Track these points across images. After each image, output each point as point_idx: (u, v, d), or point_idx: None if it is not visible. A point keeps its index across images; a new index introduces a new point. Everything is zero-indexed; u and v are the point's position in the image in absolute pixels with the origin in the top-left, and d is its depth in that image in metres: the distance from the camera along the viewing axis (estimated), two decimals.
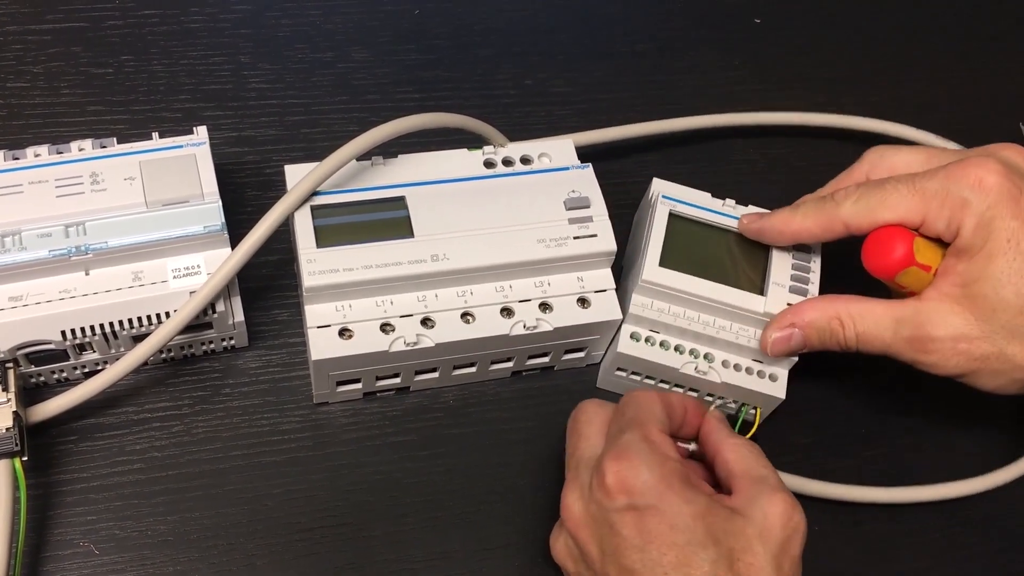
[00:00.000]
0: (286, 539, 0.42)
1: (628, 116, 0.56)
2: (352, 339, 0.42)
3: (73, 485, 0.42)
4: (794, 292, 0.45)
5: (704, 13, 0.63)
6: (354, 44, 0.57)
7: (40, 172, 0.41)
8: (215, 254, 0.42)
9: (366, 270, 0.42)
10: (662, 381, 0.46)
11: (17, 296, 0.40)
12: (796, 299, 0.44)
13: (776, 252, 0.45)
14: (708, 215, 0.46)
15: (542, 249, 0.44)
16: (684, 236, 0.45)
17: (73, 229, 0.40)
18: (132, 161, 0.42)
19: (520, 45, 0.59)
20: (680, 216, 0.46)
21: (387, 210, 0.44)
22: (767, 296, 0.44)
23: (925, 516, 0.47)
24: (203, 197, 0.42)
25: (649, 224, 0.45)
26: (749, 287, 0.45)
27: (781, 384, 0.45)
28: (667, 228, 0.45)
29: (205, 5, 0.57)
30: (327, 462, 0.44)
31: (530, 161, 0.47)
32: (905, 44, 0.64)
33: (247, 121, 0.53)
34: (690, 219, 0.46)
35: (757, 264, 0.45)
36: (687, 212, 0.46)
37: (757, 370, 0.45)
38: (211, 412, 0.45)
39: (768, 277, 0.45)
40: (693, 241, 0.45)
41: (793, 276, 0.45)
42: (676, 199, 0.46)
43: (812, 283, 0.45)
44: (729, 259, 0.46)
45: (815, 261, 0.46)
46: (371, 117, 0.54)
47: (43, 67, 0.53)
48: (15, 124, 0.51)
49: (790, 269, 0.45)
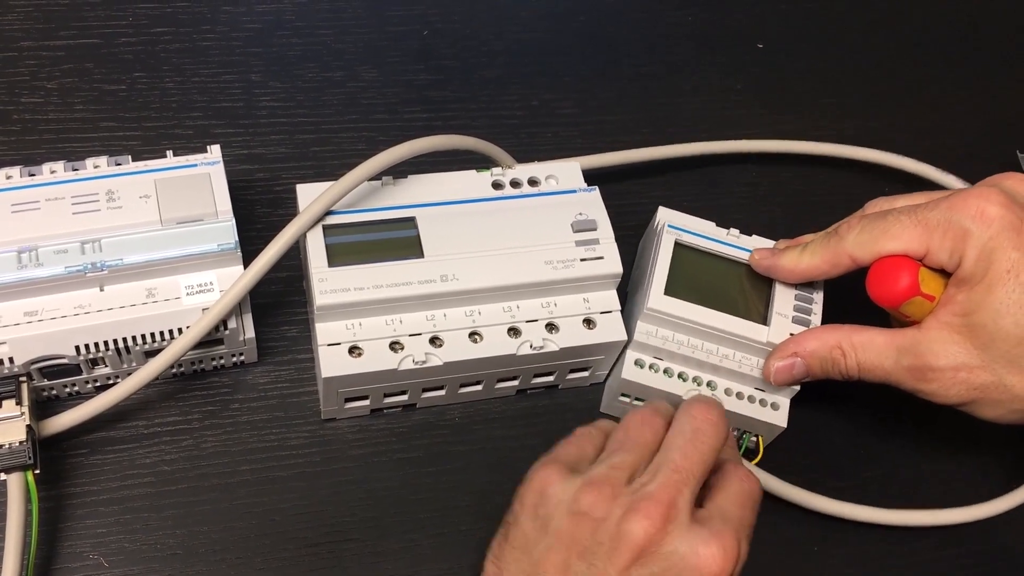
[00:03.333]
0: (294, 554, 0.43)
1: (633, 138, 0.57)
2: (362, 357, 0.43)
3: (84, 498, 0.43)
4: (797, 322, 0.45)
5: (708, 38, 0.64)
6: (363, 64, 0.58)
7: (57, 189, 0.42)
8: (228, 271, 0.43)
9: (377, 289, 0.42)
10: None
11: (32, 311, 0.41)
12: (799, 329, 0.45)
13: (779, 283, 0.46)
14: (713, 245, 0.47)
15: (549, 271, 0.45)
16: (689, 265, 0.46)
17: (89, 246, 0.41)
18: (147, 179, 0.43)
19: (527, 67, 0.60)
20: (685, 245, 0.47)
21: (397, 230, 0.45)
22: (770, 326, 0.45)
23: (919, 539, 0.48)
24: (217, 215, 0.42)
25: (655, 253, 0.46)
26: (753, 317, 0.45)
27: (783, 413, 0.46)
28: (672, 257, 0.46)
29: (217, 24, 0.57)
30: (334, 477, 0.45)
31: (538, 183, 0.48)
32: (906, 71, 0.65)
33: (257, 139, 0.54)
34: (695, 248, 0.47)
35: (761, 294, 0.46)
36: (692, 242, 0.47)
37: (760, 398, 0.46)
38: (220, 427, 0.45)
39: (771, 307, 0.46)
40: (698, 270, 0.46)
41: (796, 307, 0.46)
42: (681, 228, 0.47)
43: (815, 313, 0.46)
44: (733, 289, 0.46)
45: (818, 292, 0.46)
46: (380, 136, 0.55)
47: (57, 83, 0.53)
48: (29, 139, 0.51)
49: (793, 300, 0.46)
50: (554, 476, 0.37)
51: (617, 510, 0.35)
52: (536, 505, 0.36)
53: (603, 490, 0.35)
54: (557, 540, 0.35)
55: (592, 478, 0.36)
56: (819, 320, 0.46)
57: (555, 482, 0.36)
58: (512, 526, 0.37)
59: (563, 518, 0.35)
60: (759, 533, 0.37)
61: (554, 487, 0.36)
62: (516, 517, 0.37)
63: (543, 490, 0.37)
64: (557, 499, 0.36)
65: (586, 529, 0.35)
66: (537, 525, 0.36)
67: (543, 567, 0.35)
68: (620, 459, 0.37)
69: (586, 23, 0.63)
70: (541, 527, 0.36)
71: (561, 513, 0.36)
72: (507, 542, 0.37)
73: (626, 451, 0.37)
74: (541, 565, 0.35)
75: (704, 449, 0.37)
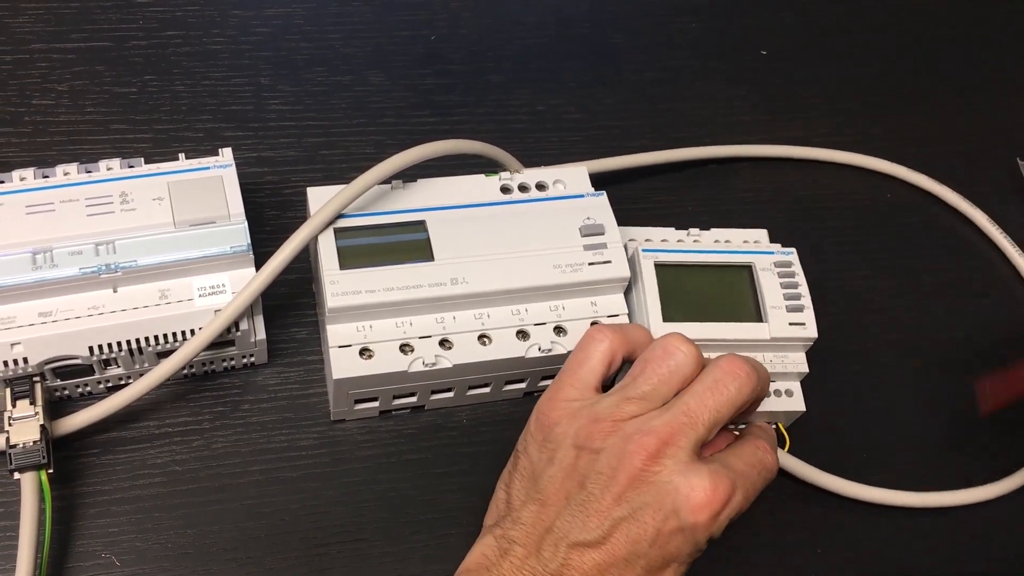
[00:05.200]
0: (303, 554, 0.43)
1: (637, 143, 0.57)
2: (372, 359, 0.43)
3: (96, 497, 0.43)
4: (792, 311, 0.46)
5: (712, 44, 0.65)
6: (371, 68, 0.58)
7: (71, 191, 0.42)
8: (240, 273, 0.43)
9: (387, 292, 0.43)
10: None
11: (47, 312, 0.41)
12: (797, 317, 0.46)
13: (761, 275, 0.47)
14: (687, 256, 0.47)
15: (557, 274, 0.45)
16: (674, 283, 0.46)
17: (103, 247, 0.41)
18: (160, 182, 0.43)
19: (533, 72, 0.61)
20: (664, 264, 0.47)
21: (408, 233, 0.45)
22: (769, 321, 0.46)
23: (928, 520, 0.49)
24: (229, 218, 0.43)
25: (639, 280, 0.46)
26: (749, 317, 0.46)
27: (798, 397, 0.47)
28: (657, 281, 0.46)
29: (227, 27, 0.58)
30: (343, 478, 0.45)
31: (545, 187, 0.48)
32: (907, 78, 0.66)
33: (267, 142, 0.54)
34: (674, 264, 0.47)
35: (747, 292, 0.47)
36: (669, 259, 0.47)
37: (773, 390, 0.47)
38: (230, 427, 0.46)
39: (763, 303, 0.46)
40: (683, 286, 0.46)
41: (785, 295, 0.46)
42: (655, 249, 0.47)
43: (804, 297, 0.46)
44: (720, 294, 0.47)
45: (800, 276, 0.47)
46: (387, 140, 0.56)
47: (68, 85, 0.54)
48: (40, 141, 0.52)
49: (780, 289, 0.47)
50: (561, 414, 0.39)
51: (618, 441, 0.37)
52: (544, 440, 0.39)
53: (604, 426, 0.38)
54: (560, 470, 0.38)
55: (597, 414, 0.38)
56: (810, 303, 0.46)
57: (561, 420, 0.39)
58: (521, 455, 0.40)
59: (567, 451, 0.38)
60: None
61: (560, 426, 0.39)
62: (526, 447, 0.40)
63: (551, 428, 0.39)
64: (563, 433, 0.38)
65: (587, 460, 0.37)
66: (544, 456, 0.39)
67: (547, 494, 0.38)
68: (633, 392, 0.39)
69: (591, 30, 0.64)
70: (548, 459, 0.38)
71: (566, 446, 0.38)
72: (516, 471, 0.40)
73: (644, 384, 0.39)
74: (545, 492, 0.38)
75: (721, 400, 0.38)
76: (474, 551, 0.38)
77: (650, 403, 0.38)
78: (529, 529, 0.37)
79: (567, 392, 0.40)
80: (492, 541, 0.38)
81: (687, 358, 0.39)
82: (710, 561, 0.39)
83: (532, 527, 0.37)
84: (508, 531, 0.38)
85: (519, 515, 0.38)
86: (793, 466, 0.47)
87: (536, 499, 0.38)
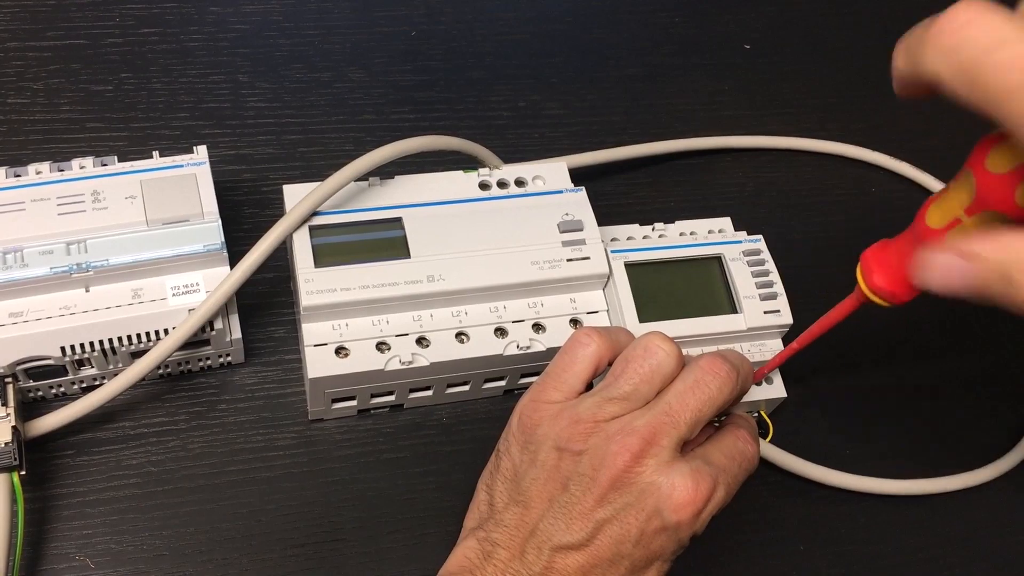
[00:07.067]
0: (280, 554, 0.43)
1: (619, 139, 0.57)
2: (348, 358, 0.43)
3: (69, 499, 0.43)
4: (766, 299, 0.46)
5: (694, 39, 0.64)
6: (351, 65, 0.58)
7: (42, 190, 0.42)
8: (214, 272, 0.43)
9: (363, 290, 0.43)
10: None
11: (18, 312, 0.41)
12: (771, 305, 0.46)
13: (732, 265, 0.47)
14: (656, 253, 0.47)
15: (536, 271, 0.45)
16: (645, 282, 0.46)
17: (74, 247, 0.41)
18: (133, 180, 0.43)
19: (513, 68, 0.60)
20: (634, 264, 0.46)
21: (384, 230, 0.45)
22: (743, 312, 0.46)
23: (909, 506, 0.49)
24: (203, 216, 0.43)
25: (612, 283, 0.46)
26: (724, 309, 0.46)
27: (779, 384, 0.47)
28: (629, 281, 0.46)
29: (204, 24, 0.57)
30: (321, 478, 0.45)
31: (524, 184, 0.48)
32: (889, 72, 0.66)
33: (244, 139, 0.54)
34: (644, 263, 0.47)
35: (719, 284, 0.47)
36: (639, 258, 0.47)
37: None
38: (207, 428, 0.45)
39: (736, 294, 0.46)
40: (655, 285, 0.46)
41: (757, 283, 0.46)
42: (624, 249, 0.47)
43: (776, 284, 0.46)
44: (693, 289, 0.47)
45: (770, 263, 0.47)
46: (367, 137, 0.55)
47: (43, 83, 0.53)
48: (15, 140, 0.51)
49: (751, 278, 0.47)
50: (543, 415, 0.39)
51: (600, 442, 0.37)
52: (526, 442, 0.39)
53: (586, 427, 0.37)
54: (543, 472, 0.37)
55: (579, 416, 0.37)
56: (783, 291, 0.46)
57: (543, 421, 0.38)
58: (503, 456, 0.40)
59: (549, 452, 0.37)
60: None
61: (542, 428, 0.38)
62: (508, 447, 0.40)
63: (532, 429, 0.39)
64: (544, 435, 0.38)
65: (569, 462, 0.37)
66: (526, 458, 0.38)
67: (529, 496, 0.37)
68: (615, 392, 0.38)
69: (572, 25, 0.63)
70: (530, 460, 0.38)
71: (548, 448, 0.38)
72: (498, 472, 0.39)
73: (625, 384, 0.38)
74: (528, 494, 0.37)
75: (702, 398, 0.37)
76: (456, 553, 0.38)
77: (632, 403, 0.38)
78: (512, 532, 0.37)
79: (550, 394, 0.39)
80: (475, 544, 0.38)
81: (668, 357, 0.39)
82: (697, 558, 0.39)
83: (515, 529, 0.37)
84: (491, 533, 0.37)
85: (502, 517, 0.38)
86: (777, 456, 0.47)
87: (519, 501, 0.38)
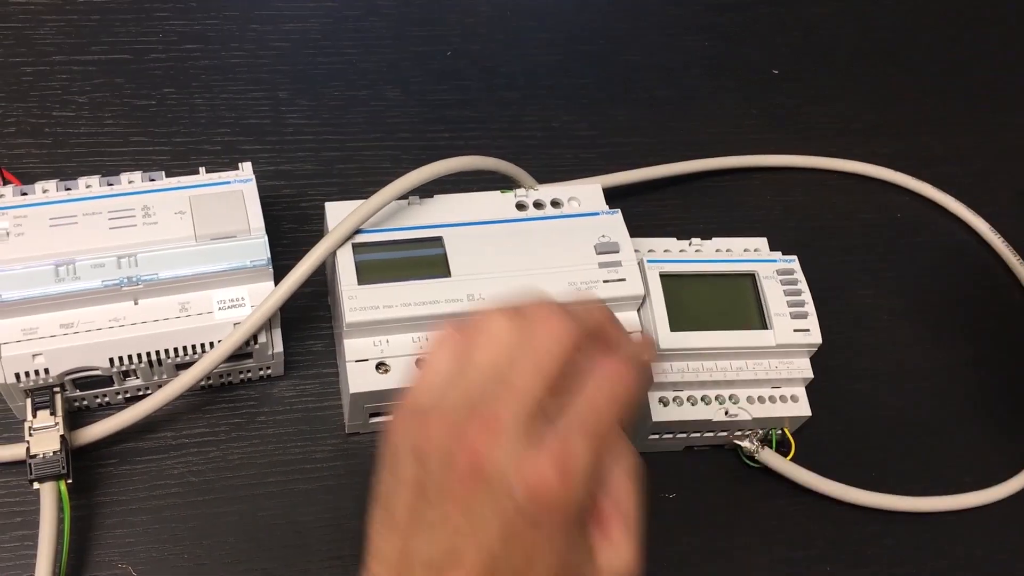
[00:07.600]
0: (317, 565, 0.44)
1: (649, 160, 0.58)
2: (388, 374, 0.43)
3: (113, 508, 0.43)
4: (796, 317, 0.47)
5: (723, 63, 0.65)
6: (388, 83, 0.59)
7: (94, 204, 0.43)
8: (259, 287, 0.44)
9: (405, 307, 0.43)
10: (694, 432, 0.48)
11: (68, 323, 0.42)
12: (801, 324, 0.47)
13: (765, 283, 0.47)
14: (691, 266, 0.48)
15: (572, 292, 0.45)
16: (679, 293, 0.47)
17: (125, 260, 0.42)
18: (182, 196, 0.44)
19: (546, 89, 0.61)
20: (669, 275, 0.47)
21: (425, 248, 0.46)
22: (774, 328, 0.46)
23: None
24: (250, 232, 0.43)
25: (645, 291, 0.46)
26: (754, 324, 0.47)
27: (803, 402, 0.48)
28: (663, 291, 0.46)
29: (245, 41, 0.59)
30: (358, 491, 0.45)
31: (560, 205, 0.49)
32: (918, 98, 0.67)
33: (284, 155, 0.55)
34: (678, 275, 0.47)
35: (751, 300, 0.47)
36: (673, 269, 0.47)
37: (779, 396, 0.47)
38: (246, 439, 0.46)
39: (767, 310, 0.47)
40: (689, 296, 0.47)
41: (789, 302, 0.47)
42: (659, 259, 0.47)
43: (808, 303, 0.47)
44: (725, 302, 0.47)
45: (802, 283, 0.48)
46: (403, 155, 0.56)
47: (88, 97, 0.54)
48: (60, 152, 0.52)
49: (783, 296, 0.47)
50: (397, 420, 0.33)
51: (445, 438, 0.31)
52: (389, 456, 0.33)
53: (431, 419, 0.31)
54: (405, 486, 0.32)
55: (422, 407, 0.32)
56: (814, 310, 0.47)
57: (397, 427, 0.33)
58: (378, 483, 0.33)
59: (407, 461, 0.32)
60: None
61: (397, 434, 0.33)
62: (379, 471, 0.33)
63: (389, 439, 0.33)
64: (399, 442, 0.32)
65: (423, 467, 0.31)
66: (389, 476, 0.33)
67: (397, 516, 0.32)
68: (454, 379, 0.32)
69: (602, 48, 0.64)
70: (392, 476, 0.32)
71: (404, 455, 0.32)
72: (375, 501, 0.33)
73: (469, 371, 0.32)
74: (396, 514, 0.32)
75: (539, 355, 0.31)
76: None
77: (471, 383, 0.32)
78: (388, 559, 0.32)
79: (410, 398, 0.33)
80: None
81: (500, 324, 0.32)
82: None
83: (389, 556, 0.32)
84: (372, 569, 0.32)
85: (378, 548, 0.33)
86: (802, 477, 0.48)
87: (387, 524, 0.32)
